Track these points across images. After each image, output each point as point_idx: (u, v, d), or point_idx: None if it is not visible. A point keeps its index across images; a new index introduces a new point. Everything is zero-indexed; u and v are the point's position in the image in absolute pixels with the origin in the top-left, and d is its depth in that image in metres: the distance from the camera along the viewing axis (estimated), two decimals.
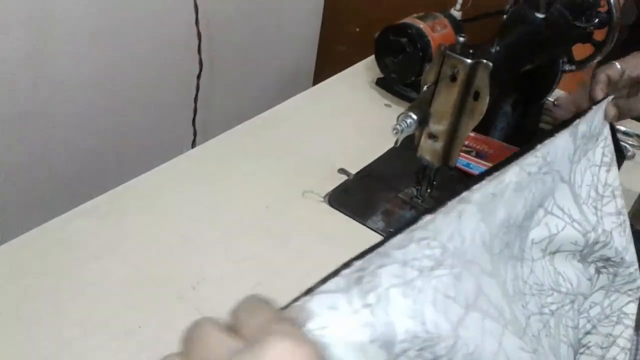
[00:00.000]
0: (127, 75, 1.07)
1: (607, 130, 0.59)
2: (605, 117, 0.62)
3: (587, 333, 0.60)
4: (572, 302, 0.57)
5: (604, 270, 0.60)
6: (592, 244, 0.57)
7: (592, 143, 0.58)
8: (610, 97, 0.62)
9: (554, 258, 0.56)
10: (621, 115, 0.64)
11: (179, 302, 0.63)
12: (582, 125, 0.55)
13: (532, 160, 0.47)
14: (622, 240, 0.59)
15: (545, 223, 0.55)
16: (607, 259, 0.59)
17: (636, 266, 0.61)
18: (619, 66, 0.66)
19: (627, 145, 1.03)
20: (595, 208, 0.58)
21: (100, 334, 0.58)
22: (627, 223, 0.60)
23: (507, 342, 0.39)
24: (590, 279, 0.59)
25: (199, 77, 1.15)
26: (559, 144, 0.51)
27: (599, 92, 0.64)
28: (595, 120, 0.57)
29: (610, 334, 0.60)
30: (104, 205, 0.74)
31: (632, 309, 0.61)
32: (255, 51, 1.35)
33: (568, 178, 0.55)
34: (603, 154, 0.59)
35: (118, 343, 0.57)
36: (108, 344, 0.57)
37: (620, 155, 0.67)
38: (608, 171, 0.59)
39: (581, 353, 0.60)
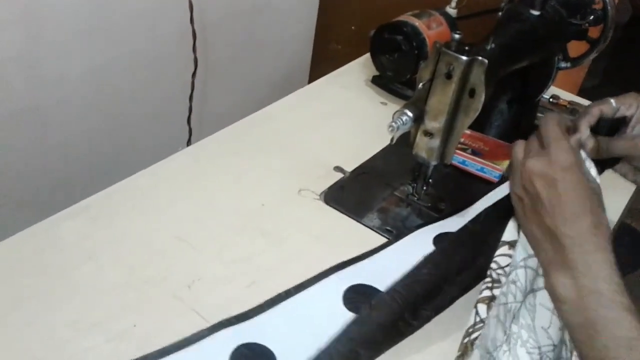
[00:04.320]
0: (122, 74, 1.07)
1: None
2: (584, 148, 0.60)
3: None
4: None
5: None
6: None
7: None
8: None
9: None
10: (599, 152, 0.61)
11: (174, 302, 0.62)
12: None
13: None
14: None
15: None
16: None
17: None
18: (614, 103, 0.64)
19: None
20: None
21: (95, 334, 0.58)
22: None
23: None
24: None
25: (194, 75, 1.15)
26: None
27: (584, 125, 0.62)
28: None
29: None
30: (98, 204, 0.74)
31: None
32: (251, 50, 1.35)
33: None
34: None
35: (113, 344, 0.57)
36: (103, 344, 0.57)
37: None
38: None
39: None
